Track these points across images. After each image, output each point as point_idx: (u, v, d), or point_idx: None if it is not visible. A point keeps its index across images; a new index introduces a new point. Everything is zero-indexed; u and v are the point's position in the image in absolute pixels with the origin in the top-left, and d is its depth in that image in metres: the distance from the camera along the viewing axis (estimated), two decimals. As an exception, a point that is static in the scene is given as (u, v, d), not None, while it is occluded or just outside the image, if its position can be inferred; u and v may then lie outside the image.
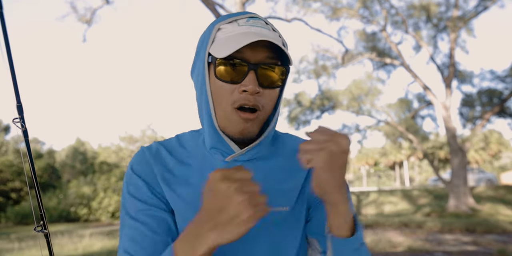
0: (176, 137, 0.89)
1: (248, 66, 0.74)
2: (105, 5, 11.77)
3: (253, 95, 0.74)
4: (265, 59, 0.75)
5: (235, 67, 0.74)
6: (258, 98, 0.75)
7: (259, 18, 0.79)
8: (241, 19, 0.78)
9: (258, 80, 0.74)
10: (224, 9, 9.02)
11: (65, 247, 8.53)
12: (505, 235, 9.01)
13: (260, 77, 0.75)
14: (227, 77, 0.75)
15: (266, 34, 0.75)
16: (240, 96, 0.74)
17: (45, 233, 0.95)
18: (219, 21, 0.79)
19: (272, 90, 0.78)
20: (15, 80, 0.90)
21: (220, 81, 0.75)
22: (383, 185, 39.20)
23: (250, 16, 0.79)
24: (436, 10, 14.67)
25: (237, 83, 0.74)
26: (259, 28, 0.77)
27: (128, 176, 0.83)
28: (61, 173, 28.63)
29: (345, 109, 17.17)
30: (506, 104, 14.91)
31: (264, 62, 0.75)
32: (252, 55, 0.74)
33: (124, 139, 29.41)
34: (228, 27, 0.77)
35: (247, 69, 0.74)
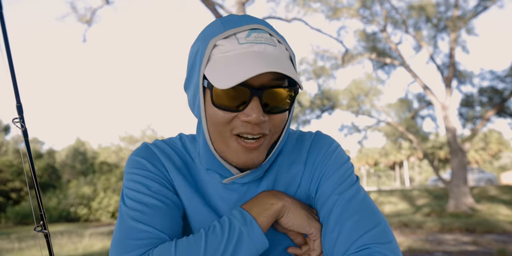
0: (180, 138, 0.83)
1: (250, 92, 0.63)
2: (105, 5, 11.77)
3: (258, 125, 0.64)
4: (270, 82, 0.64)
5: (235, 93, 0.63)
6: (263, 125, 0.65)
7: (262, 30, 0.67)
8: (241, 33, 0.65)
9: (263, 107, 0.64)
10: (224, 9, 9.02)
11: (65, 247, 8.53)
12: (505, 235, 9.01)
13: (265, 102, 0.64)
14: (226, 104, 0.64)
15: (272, 54, 0.64)
16: (240, 125, 0.65)
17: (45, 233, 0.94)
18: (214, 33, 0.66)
19: (280, 115, 0.68)
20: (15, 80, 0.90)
21: (218, 108, 0.65)
22: (383, 185, 39.21)
23: (252, 28, 0.66)
24: (436, 10, 14.67)
25: (239, 110, 0.64)
26: (263, 45, 0.65)
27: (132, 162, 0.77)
28: (61, 173, 28.63)
29: (345, 109, 17.17)
30: (506, 103, 14.92)
31: (269, 85, 0.64)
32: (256, 78, 0.63)
33: (124, 139, 29.42)
34: (226, 45, 0.65)
35: (249, 94, 0.63)
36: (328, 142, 0.81)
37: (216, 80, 0.61)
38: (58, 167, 28.99)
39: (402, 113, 17.27)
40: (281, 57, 0.66)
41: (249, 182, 0.76)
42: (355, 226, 0.69)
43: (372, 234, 0.68)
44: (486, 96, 15.34)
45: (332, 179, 0.76)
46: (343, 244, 0.69)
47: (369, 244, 0.67)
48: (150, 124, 36.72)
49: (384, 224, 0.71)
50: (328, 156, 0.79)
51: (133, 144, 29.52)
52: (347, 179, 0.76)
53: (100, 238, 9.91)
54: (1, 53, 0.87)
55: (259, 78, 0.63)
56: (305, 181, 0.80)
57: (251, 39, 0.65)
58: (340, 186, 0.75)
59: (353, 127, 18.16)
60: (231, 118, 0.65)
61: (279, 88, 0.65)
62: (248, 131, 0.65)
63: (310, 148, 0.80)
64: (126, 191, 0.75)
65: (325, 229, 0.72)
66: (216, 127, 0.67)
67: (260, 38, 0.65)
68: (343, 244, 0.69)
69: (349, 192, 0.74)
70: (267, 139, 0.69)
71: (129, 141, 29.40)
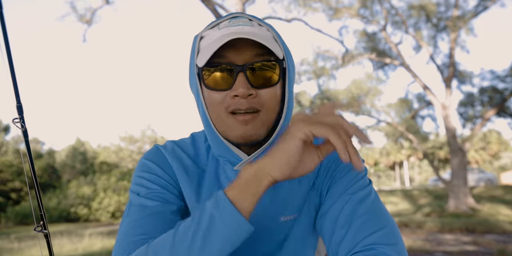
0: (192, 137, 0.86)
1: (235, 69, 0.68)
2: (105, 5, 11.77)
3: (246, 98, 0.69)
4: (253, 58, 0.69)
5: (222, 73, 0.69)
6: (252, 100, 0.69)
7: (242, 16, 0.74)
8: (223, 22, 0.73)
9: (249, 81, 0.69)
10: (224, 9, 9.01)
11: (65, 247, 8.53)
12: (505, 235, 9.01)
13: (250, 78, 0.69)
14: (216, 85, 0.70)
15: (248, 31, 0.69)
16: (232, 101, 0.69)
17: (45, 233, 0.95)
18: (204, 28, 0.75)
19: (269, 89, 0.71)
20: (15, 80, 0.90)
21: (211, 90, 0.71)
22: (383, 185, 39.21)
23: (233, 17, 0.74)
24: (436, 10, 14.67)
25: (228, 89, 0.69)
26: (240, 26, 0.71)
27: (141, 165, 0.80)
28: (61, 173, 28.63)
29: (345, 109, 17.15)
30: (506, 103, 14.92)
31: (251, 62, 0.69)
32: (238, 56, 0.69)
33: (124, 139, 29.39)
34: (209, 34, 0.73)
35: (234, 72, 0.68)
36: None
37: (199, 61, 0.70)
38: (58, 167, 28.98)
39: (402, 113, 17.27)
40: (259, 33, 0.70)
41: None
42: (363, 226, 0.69)
43: (379, 235, 0.68)
44: (486, 96, 15.34)
45: (345, 179, 0.77)
46: (349, 242, 0.69)
47: (375, 244, 0.67)
48: (150, 124, 36.71)
49: (392, 226, 0.71)
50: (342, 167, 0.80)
51: (133, 144, 29.50)
52: (360, 180, 0.77)
53: (100, 238, 9.91)
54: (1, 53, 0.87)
55: (241, 55, 0.69)
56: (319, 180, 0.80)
57: (230, 23, 0.72)
58: (352, 187, 0.76)
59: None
60: (223, 96, 0.70)
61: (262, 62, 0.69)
62: (238, 106, 0.69)
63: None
64: (130, 195, 0.78)
65: (334, 226, 0.72)
66: (214, 109, 0.72)
67: (237, 22, 0.72)
68: (350, 242, 0.69)
69: (361, 193, 0.74)
70: (262, 115, 0.71)
71: (129, 141, 29.37)
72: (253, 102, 0.69)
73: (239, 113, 0.70)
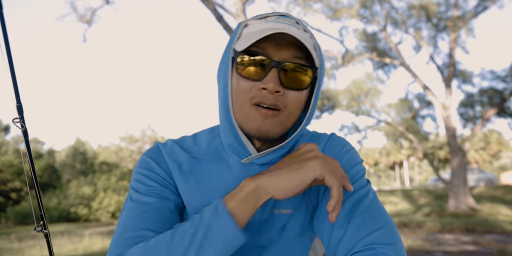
0: (193, 136, 0.87)
1: (270, 63, 0.69)
2: (105, 5, 11.76)
3: (272, 94, 0.70)
4: (291, 58, 0.70)
5: (257, 63, 0.70)
6: (279, 97, 0.70)
7: (290, 17, 0.75)
8: (271, 17, 0.75)
9: (280, 79, 0.70)
10: (224, 9, 9.01)
11: (65, 247, 8.52)
12: (505, 235, 9.01)
13: (282, 76, 0.70)
14: (248, 73, 0.71)
15: (294, 32, 0.70)
16: (259, 93, 0.70)
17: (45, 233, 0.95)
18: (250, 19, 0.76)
19: (297, 92, 0.72)
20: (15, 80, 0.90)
21: (241, 76, 0.72)
22: (383, 185, 39.21)
23: (281, 15, 0.75)
24: (436, 10, 14.67)
25: (259, 80, 0.70)
26: (287, 25, 0.72)
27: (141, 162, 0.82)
28: (61, 173, 28.63)
29: (345, 109, 17.17)
30: (506, 103, 14.91)
31: (288, 61, 0.70)
32: (277, 52, 0.70)
33: (124, 139, 29.40)
34: (254, 23, 0.74)
35: (269, 66, 0.69)
36: (342, 143, 0.84)
37: (239, 45, 0.71)
38: (58, 167, 28.99)
39: (402, 113, 17.27)
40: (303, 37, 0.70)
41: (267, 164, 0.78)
42: (362, 225, 0.70)
43: (378, 235, 0.68)
44: (486, 96, 15.34)
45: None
46: (348, 242, 0.69)
47: (374, 244, 0.67)
48: (150, 124, 36.70)
49: (391, 226, 0.72)
50: (341, 156, 0.81)
51: (133, 144, 29.50)
52: (358, 180, 0.78)
53: (100, 238, 9.90)
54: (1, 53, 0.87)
55: (281, 53, 0.70)
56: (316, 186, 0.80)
57: (278, 20, 0.73)
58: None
59: (353, 127, 18.16)
60: (251, 87, 0.71)
61: (298, 64, 0.71)
62: (264, 99, 0.70)
63: (325, 148, 0.83)
64: (130, 190, 0.80)
65: (332, 226, 0.73)
66: (238, 97, 0.72)
67: (285, 21, 0.73)
68: (348, 242, 0.69)
69: (360, 192, 0.75)
70: (283, 115, 0.72)
71: (129, 141, 29.36)
72: (278, 100, 0.70)
73: (261, 107, 0.71)
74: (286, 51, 0.70)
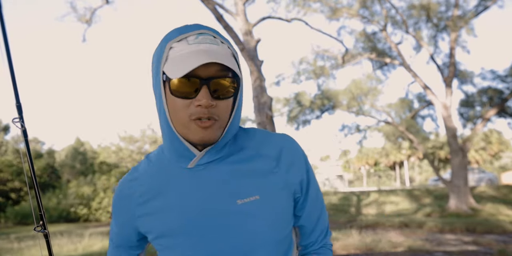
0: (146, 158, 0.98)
1: (200, 82, 0.79)
2: (105, 5, 11.76)
3: (207, 108, 0.79)
4: (216, 73, 0.80)
5: (188, 84, 0.79)
6: (212, 110, 0.80)
7: (207, 34, 0.84)
8: (191, 37, 0.82)
9: (211, 94, 0.80)
10: (224, 9, 9.00)
11: (65, 247, 8.52)
12: (505, 235, 9.01)
13: (212, 91, 0.80)
14: (182, 94, 0.80)
15: (215, 50, 0.80)
16: (196, 109, 0.80)
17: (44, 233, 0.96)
18: (170, 38, 0.83)
19: (226, 100, 0.83)
20: (15, 80, 0.90)
21: (176, 97, 0.81)
22: (383, 185, 39.20)
23: (199, 33, 0.83)
24: (436, 10, 14.66)
25: (192, 97, 0.80)
26: (207, 44, 0.81)
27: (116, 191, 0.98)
28: (61, 173, 28.62)
29: (345, 109, 17.16)
30: (506, 103, 14.90)
31: (215, 76, 0.80)
32: (203, 71, 0.79)
33: (124, 139, 29.37)
34: (179, 46, 0.82)
35: (199, 84, 0.79)
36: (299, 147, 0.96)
37: (171, 73, 0.78)
38: (58, 167, 28.98)
39: (402, 113, 17.26)
40: (222, 53, 0.81)
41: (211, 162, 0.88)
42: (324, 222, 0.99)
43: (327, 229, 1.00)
44: (486, 96, 15.33)
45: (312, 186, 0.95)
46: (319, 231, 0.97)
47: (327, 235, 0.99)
48: (150, 124, 36.60)
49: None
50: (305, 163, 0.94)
51: (133, 144, 29.48)
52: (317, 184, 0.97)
53: (100, 238, 9.90)
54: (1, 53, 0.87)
55: (207, 70, 0.79)
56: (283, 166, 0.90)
57: (198, 41, 0.82)
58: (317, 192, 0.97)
59: (353, 127, 18.16)
60: (187, 104, 0.80)
61: (223, 78, 0.80)
62: (201, 114, 0.80)
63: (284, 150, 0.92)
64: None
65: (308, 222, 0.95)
66: (177, 114, 0.82)
67: (205, 40, 0.82)
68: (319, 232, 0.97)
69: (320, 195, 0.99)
70: (218, 123, 0.83)
71: (129, 141, 29.34)
72: (213, 112, 0.80)
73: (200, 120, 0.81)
74: (211, 68, 0.79)
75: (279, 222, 0.88)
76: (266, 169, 0.89)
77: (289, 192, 0.90)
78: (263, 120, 7.62)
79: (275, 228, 0.87)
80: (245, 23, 8.87)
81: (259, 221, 0.85)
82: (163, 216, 0.89)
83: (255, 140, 0.93)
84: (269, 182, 0.88)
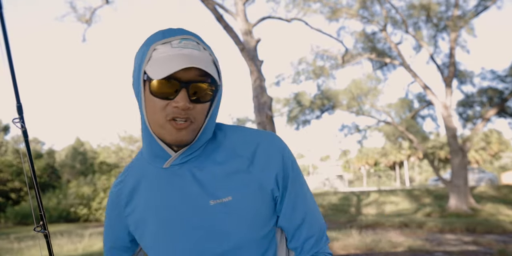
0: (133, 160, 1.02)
1: (180, 85, 0.81)
2: (105, 5, 11.76)
3: (184, 110, 0.82)
4: (196, 77, 0.82)
5: (168, 85, 0.81)
6: (189, 112, 0.83)
7: (191, 39, 0.87)
8: (175, 41, 0.85)
9: (189, 97, 0.82)
10: (224, 9, 9.00)
11: (65, 247, 8.52)
12: (505, 235, 9.01)
13: (190, 94, 0.82)
14: (161, 94, 0.82)
15: (197, 56, 0.83)
16: (172, 110, 0.82)
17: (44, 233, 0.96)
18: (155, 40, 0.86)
19: (203, 104, 0.85)
20: (15, 80, 0.90)
21: (155, 97, 0.83)
22: (383, 185, 39.18)
23: (183, 38, 0.86)
24: (436, 10, 14.65)
25: (171, 99, 0.82)
26: (190, 49, 0.84)
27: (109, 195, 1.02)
28: (61, 173, 28.62)
29: (345, 109, 17.15)
30: (506, 103, 14.90)
31: (194, 80, 0.82)
32: (184, 74, 0.81)
33: (124, 139, 29.37)
34: (162, 49, 0.84)
35: (179, 87, 0.81)
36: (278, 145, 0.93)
37: (153, 73, 0.81)
38: (58, 167, 28.97)
39: (402, 113, 17.25)
40: (203, 58, 0.84)
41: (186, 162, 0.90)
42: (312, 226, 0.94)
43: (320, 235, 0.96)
44: (486, 96, 15.32)
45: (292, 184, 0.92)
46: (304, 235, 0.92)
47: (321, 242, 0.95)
48: (150, 124, 36.62)
49: None
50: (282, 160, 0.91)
51: (133, 144, 29.49)
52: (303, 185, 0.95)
53: (100, 238, 9.90)
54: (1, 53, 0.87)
55: (187, 74, 0.81)
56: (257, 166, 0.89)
57: (181, 45, 0.84)
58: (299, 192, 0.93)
59: (353, 127, 18.15)
60: (165, 105, 0.82)
61: (202, 83, 0.83)
62: (177, 115, 0.82)
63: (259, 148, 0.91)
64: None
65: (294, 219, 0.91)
66: (155, 114, 0.84)
67: (188, 45, 0.85)
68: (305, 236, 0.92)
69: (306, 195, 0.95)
70: (193, 125, 0.85)
71: (129, 141, 29.34)
72: (189, 114, 0.83)
73: (176, 121, 0.83)
74: (191, 72, 0.82)
75: (254, 222, 0.87)
76: (241, 169, 0.89)
77: (265, 192, 0.88)
78: (263, 120, 7.62)
79: (249, 228, 0.86)
80: (245, 23, 8.86)
81: (231, 221, 0.85)
82: (141, 217, 0.93)
83: (233, 140, 0.93)
84: (243, 182, 0.88)
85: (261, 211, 0.88)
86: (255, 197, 0.87)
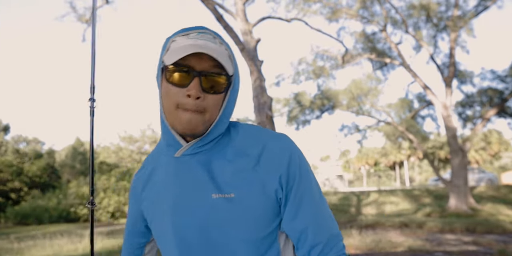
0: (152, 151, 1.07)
1: (193, 73, 0.84)
2: (105, 5, 11.74)
3: (195, 100, 0.84)
4: (209, 68, 0.85)
5: (182, 73, 0.85)
6: (200, 102, 0.85)
7: (208, 33, 0.90)
8: (192, 33, 0.89)
9: (202, 86, 0.84)
10: (224, 9, 9.00)
11: (65, 247, 8.51)
12: (505, 235, 9.01)
13: (203, 84, 0.85)
14: (175, 81, 0.85)
15: (210, 47, 0.85)
16: (184, 100, 0.84)
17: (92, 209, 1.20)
18: (176, 34, 0.91)
19: (215, 95, 0.87)
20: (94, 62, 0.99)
21: (170, 84, 0.86)
22: (383, 185, 39.17)
23: (200, 31, 0.90)
24: (436, 10, 14.65)
25: (184, 87, 0.85)
26: (204, 41, 0.87)
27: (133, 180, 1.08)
28: (61, 173, 28.62)
29: (345, 109, 17.15)
30: (506, 103, 14.90)
31: (207, 70, 0.85)
32: (198, 64, 0.84)
33: (124, 139, 29.38)
34: (179, 39, 0.89)
35: (192, 75, 0.84)
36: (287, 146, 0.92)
37: (167, 59, 0.85)
38: (58, 167, 28.97)
39: (402, 113, 17.25)
40: (218, 50, 0.86)
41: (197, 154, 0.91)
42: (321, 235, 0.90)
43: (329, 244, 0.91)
44: (486, 96, 15.32)
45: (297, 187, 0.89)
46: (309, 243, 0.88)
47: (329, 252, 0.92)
48: (150, 124, 36.60)
49: None
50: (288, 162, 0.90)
51: (133, 144, 29.48)
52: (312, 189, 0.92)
53: (100, 238, 9.89)
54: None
55: (201, 64, 0.84)
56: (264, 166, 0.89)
57: (198, 37, 0.88)
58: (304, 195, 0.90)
59: (353, 127, 18.15)
60: (178, 92, 0.85)
61: (215, 74, 0.85)
62: (188, 106, 0.84)
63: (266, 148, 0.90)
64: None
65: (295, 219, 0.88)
66: (168, 101, 0.86)
67: (204, 37, 0.88)
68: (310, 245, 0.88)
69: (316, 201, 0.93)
70: (204, 115, 0.86)
71: (129, 141, 29.35)
72: (200, 104, 0.85)
73: (187, 110, 0.85)
74: (206, 63, 0.85)
75: (253, 222, 0.86)
76: (247, 168, 0.88)
77: (269, 192, 0.87)
78: (263, 120, 7.62)
79: (247, 227, 0.85)
80: (245, 23, 8.86)
81: (228, 218, 0.85)
82: (151, 202, 0.97)
83: (244, 138, 0.93)
84: (248, 181, 0.87)
85: (262, 212, 0.86)
86: (258, 197, 0.86)
